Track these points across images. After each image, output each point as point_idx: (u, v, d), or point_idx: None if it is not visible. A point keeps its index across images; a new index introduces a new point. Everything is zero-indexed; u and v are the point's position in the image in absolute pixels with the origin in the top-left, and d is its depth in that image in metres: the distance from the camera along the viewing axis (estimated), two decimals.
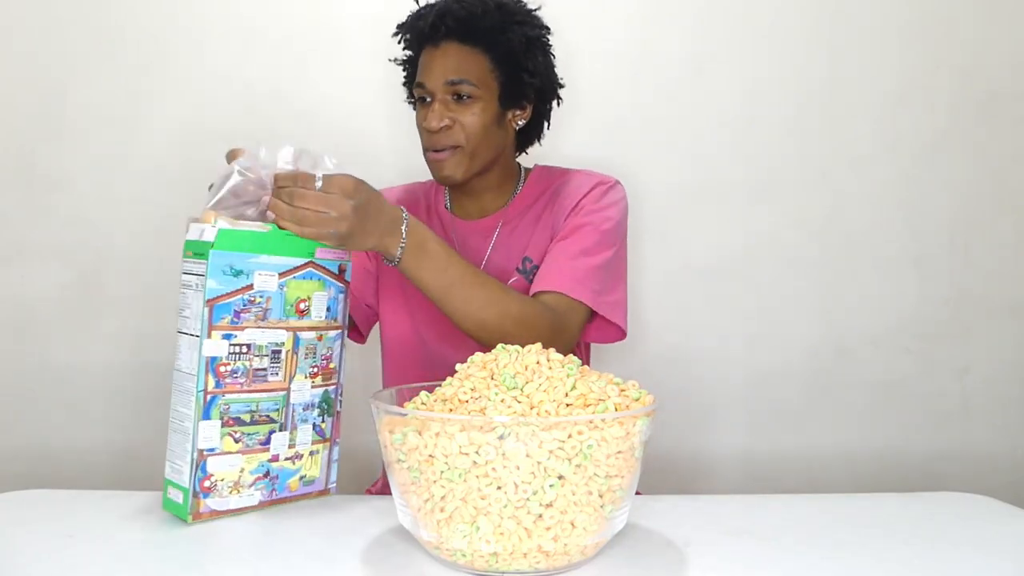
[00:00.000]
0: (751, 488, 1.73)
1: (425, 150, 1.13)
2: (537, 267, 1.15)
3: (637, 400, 0.75)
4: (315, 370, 0.91)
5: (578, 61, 1.26)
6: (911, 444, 1.77)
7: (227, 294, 0.82)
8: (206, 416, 0.82)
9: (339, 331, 0.93)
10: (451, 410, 0.73)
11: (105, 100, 1.67)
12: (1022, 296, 1.76)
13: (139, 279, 1.68)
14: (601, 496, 0.70)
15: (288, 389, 0.88)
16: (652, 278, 1.71)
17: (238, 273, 0.83)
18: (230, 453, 0.84)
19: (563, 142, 1.48)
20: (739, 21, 1.70)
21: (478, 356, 0.79)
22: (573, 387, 0.73)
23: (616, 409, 0.72)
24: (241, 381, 0.84)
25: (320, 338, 0.90)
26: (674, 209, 1.72)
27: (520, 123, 1.17)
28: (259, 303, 0.84)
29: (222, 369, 0.83)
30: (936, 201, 1.74)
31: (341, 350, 0.94)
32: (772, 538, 0.83)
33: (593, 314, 1.10)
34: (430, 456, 0.69)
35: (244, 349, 0.84)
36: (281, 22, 1.67)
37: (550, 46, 1.17)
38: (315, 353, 0.90)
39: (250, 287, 0.84)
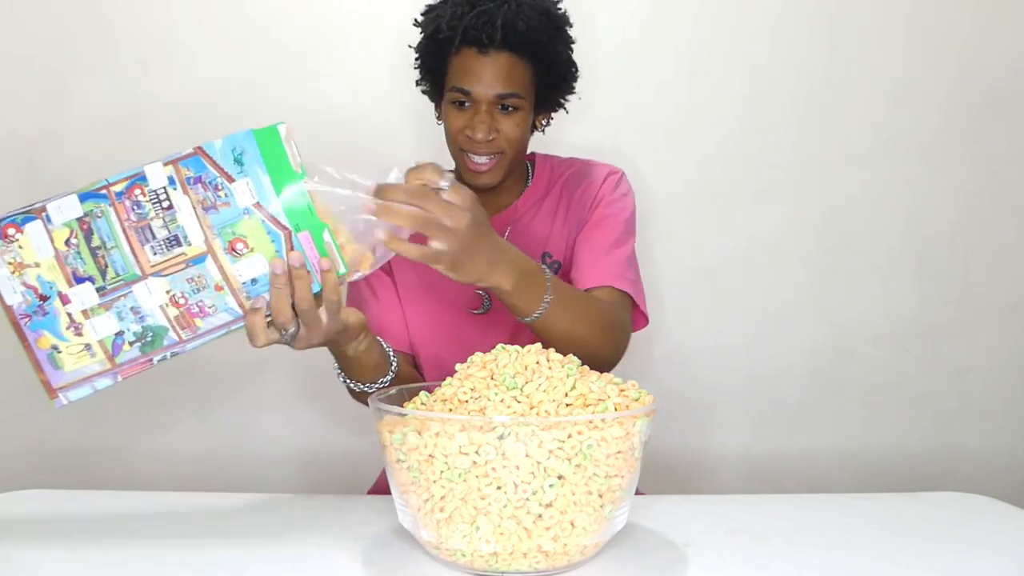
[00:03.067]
0: (751, 488, 1.73)
1: (460, 151, 1.11)
2: (558, 263, 1.15)
3: (637, 400, 0.75)
4: None
5: (578, 61, 1.26)
6: (911, 444, 1.77)
7: None
8: None
9: None
10: (451, 410, 0.74)
11: (105, 100, 1.67)
12: (1022, 296, 1.76)
13: None
14: (601, 496, 0.70)
15: None
16: (652, 278, 1.71)
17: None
18: None
19: (563, 142, 1.48)
20: (739, 21, 1.70)
21: (478, 356, 0.79)
22: (573, 387, 0.73)
23: (616, 409, 0.72)
24: None
25: None
26: (674, 209, 1.71)
27: (545, 123, 1.17)
28: None
29: None
30: (936, 201, 1.74)
31: None
32: (772, 538, 0.83)
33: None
34: (430, 456, 0.69)
35: None
36: (281, 21, 1.67)
37: (573, 41, 1.15)
38: None
39: None
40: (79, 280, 0.72)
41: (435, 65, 1.12)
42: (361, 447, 1.59)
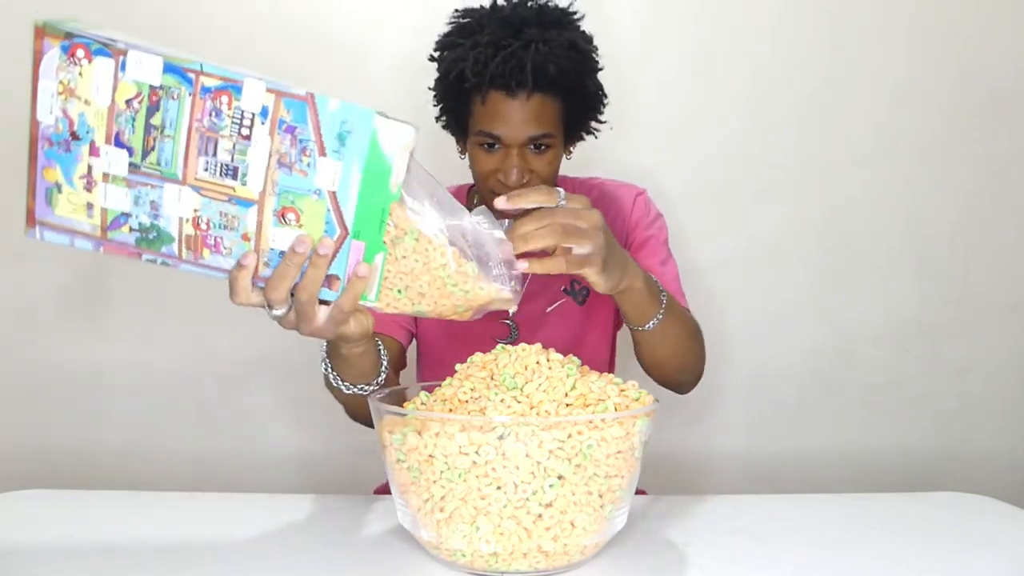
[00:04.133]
0: (751, 488, 1.73)
1: (491, 192, 1.06)
2: (587, 289, 1.14)
3: (637, 400, 0.75)
4: None
5: None
6: (911, 444, 1.77)
7: None
8: None
9: None
10: (451, 410, 0.74)
11: None
12: (1022, 296, 1.76)
13: (139, 279, 1.68)
14: (601, 496, 0.70)
15: None
16: None
17: None
18: None
19: None
20: (741, 22, 1.70)
21: (478, 356, 0.79)
22: (573, 387, 0.73)
23: (616, 409, 0.72)
24: None
25: None
26: (674, 209, 1.71)
27: (573, 149, 1.14)
28: None
29: None
30: (936, 201, 1.74)
31: None
32: (772, 538, 0.83)
33: None
34: (430, 456, 0.69)
35: None
36: (281, 21, 1.67)
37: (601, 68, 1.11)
38: None
39: None
40: (119, 144, 0.65)
41: (458, 106, 1.07)
42: (362, 447, 1.59)
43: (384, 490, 1.25)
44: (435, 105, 1.11)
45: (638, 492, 0.94)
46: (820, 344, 1.74)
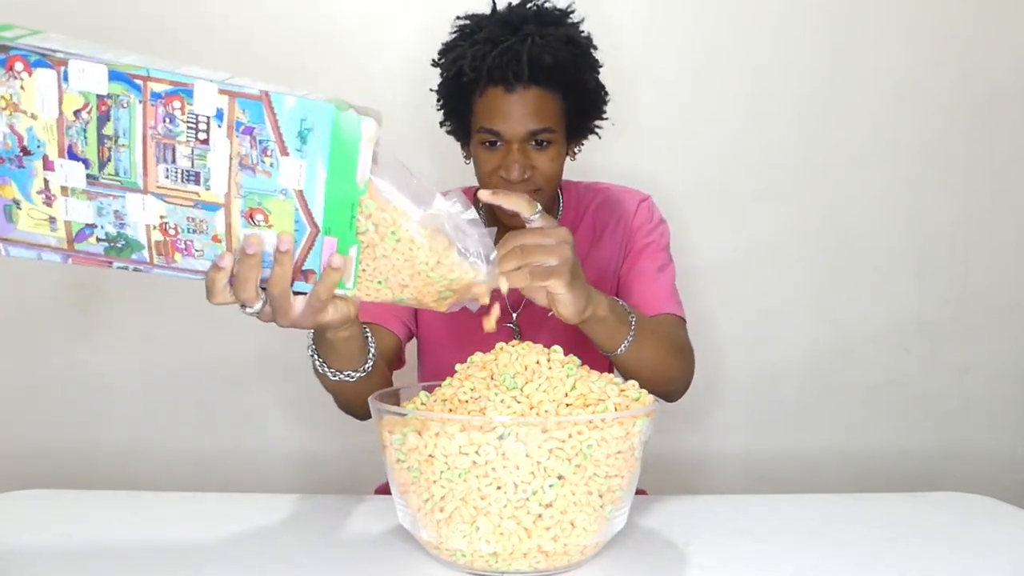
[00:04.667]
0: (751, 488, 1.73)
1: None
2: None
3: (637, 400, 0.75)
4: None
5: None
6: (911, 444, 1.77)
7: None
8: None
9: None
10: (451, 410, 0.74)
11: None
12: (1022, 296, 1.76)
13: (138, 278, 1.68)
14: (601, 496, 0.71)
15: None
16: None
17: None
18: None
19: None
20: (741, 22, 1.70)
21: (478, 356, 0.79)
22: (573, 387, 0.73)
23: (616, 409, 0.72)
24: None
25: None
26: (674, 210, 1.71)
27: (578, 151, 1.14)
28: None
29: None
30: (936, 201, 1.74)
31: None
32: (772, 538, 0.83)
33: None
34: (430, 456, 0.69)
35: None
36: (281, 21, 1.67)
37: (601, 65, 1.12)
38: None
39: None
40: (73, 157, 0.62)
41: (459, 106, 1.07)
42: (362, 447, 1.59)
43: (384, 490, 1.25)
44: (438, 109, 1.12)
45: (638, 492, 0.94)
46: (820, 344, 1.74)
